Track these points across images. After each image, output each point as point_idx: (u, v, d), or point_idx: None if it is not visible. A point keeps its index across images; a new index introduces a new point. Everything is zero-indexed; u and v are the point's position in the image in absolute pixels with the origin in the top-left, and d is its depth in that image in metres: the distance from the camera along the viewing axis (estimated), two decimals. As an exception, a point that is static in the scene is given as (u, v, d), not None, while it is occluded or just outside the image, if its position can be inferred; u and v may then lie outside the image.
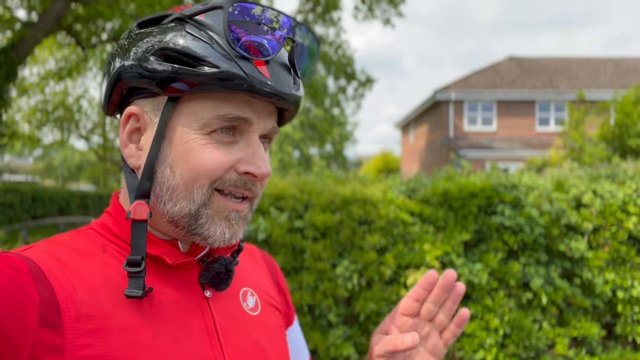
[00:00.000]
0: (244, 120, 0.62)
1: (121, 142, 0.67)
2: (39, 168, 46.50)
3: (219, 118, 0.61)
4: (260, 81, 0.60)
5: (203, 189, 0.62)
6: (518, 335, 3.47)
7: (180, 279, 0.66)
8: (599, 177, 4.00)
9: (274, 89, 0.61)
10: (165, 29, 0.62)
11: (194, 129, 0.62)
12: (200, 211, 0.62)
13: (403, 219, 3.63)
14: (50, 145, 24.62)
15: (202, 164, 0.61)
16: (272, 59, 0.63)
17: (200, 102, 0.62)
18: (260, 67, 0.61)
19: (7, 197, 11.87)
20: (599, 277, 3.63)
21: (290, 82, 0.64)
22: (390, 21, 14.97)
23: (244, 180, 0.64)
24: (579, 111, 10.25)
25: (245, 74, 0.59)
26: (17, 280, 0.53)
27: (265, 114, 0.65)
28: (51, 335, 0.53)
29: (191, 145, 0.62)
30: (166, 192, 0.63)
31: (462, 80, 18.54)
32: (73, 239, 0.65)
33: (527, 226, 3.55)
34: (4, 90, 11.71)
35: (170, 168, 0.63)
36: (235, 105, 0.62)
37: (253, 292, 0.76)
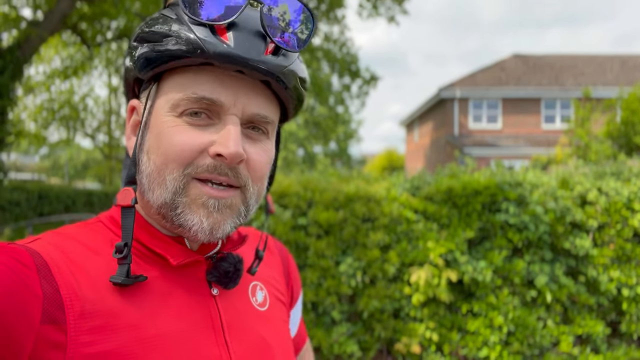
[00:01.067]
0: (211, 101, 0.59)
1: (125, 135, 0.67)
2: (45, 166, 46.75)
3: (187, 99, 0.59)
4: (216, 45, 0.56)
5: (173, 174, 0.59)
6: (522, 333, 3.46)
7: (188, 275, 0.65)
8: (604, 174, 3.98)
9: (232, 52, 0.56)
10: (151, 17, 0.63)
11: (166, 110, 0.60)
12: (175, 200, 0.59)
13: (407, 216, 3.62)
14: (56, 143, 24.71)
15: (169, 147, 0.59)
16: (240, 26, 0.58)
17: (173, 82, 0.60)
18: (223, 34, 0.57)
19: (14, 195, 11.95)
20: (604, 275, 3.61)
21: (261, 48, 0.58)
22: (394, 19, 14.91)
23: (217, 165, 0.59)
24: (585, 109, 10.18)
25: (199, 38, 0.56)
26: (22, 275, 0.52)
27: (246, 96, 0.60)
28: (54, 332, 0.52)
29: (161, 128, 0.60)
30: (146, 181, 0.62)
31: (467, 77, 18.46)
32: (80, 231, 0.63)
33: (531, 224, 3.53)
34: (10, 89, 11.77)
35: (147, 154, 0.61)
36: (205, 84, 0.59)
37: (262, 287, 0.75)
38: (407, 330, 3.50)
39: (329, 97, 17.80)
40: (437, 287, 3.44)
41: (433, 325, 3.51)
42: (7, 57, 11.49)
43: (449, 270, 3.46)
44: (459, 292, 3.63)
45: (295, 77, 0.63)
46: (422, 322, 3.55)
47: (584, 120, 10.02)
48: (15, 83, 12.10)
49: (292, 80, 0.63)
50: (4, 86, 11.41)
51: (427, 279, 3.40)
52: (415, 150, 23.42)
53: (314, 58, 15.48)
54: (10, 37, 12.33)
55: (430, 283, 3.42)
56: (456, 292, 3.61)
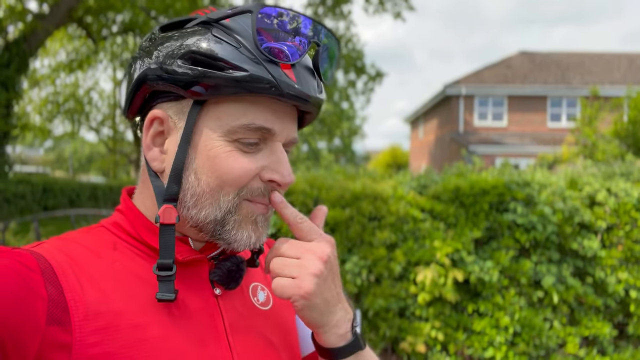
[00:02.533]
0: (267, 130, 0.62)
1: (144, 145, 0.66)
2: (49, 159, 46.93)
3: (244, 127, 0.61)
4: (288, 84, 0.60)
5: (229, 197, 0.62)
6: (528, 334, 3.44)
7: (190, 275, 0.66)
8: (614, 175, 3.95)
9: (300, 92, 0.62)
10: (190, 32, 0.62)
11: (218, 134, 0.62)
12: (226, 218, 0.63)
13: (413, 215, 3.60)
14: (61, 136, 24.79)
15: (228, 172, 0.62)
16: (298, 63, 0.63)
17: (226, 108, 0.62)
18: (287, 70, 0.61)
19: (19, 188, 11.98)
20: (612, 276, 3.59)
21: (314, 85, 0.65)
22: (401, 15, 14.82)
23: (269, 188, 0.65)
24: (592, 107, 10.11)
25: (273, 77, 0.60)
26: (27, 278, 0.53)
27: (289, 122, 0.65)
28: (59, 333, 0.53)
29: (216, 152, 0.62)
30: (190, 199, 0.63)
31: (472, 75, 18.36)
32: (84, 236, 0.65)
33: (539, 224, 3.50)
34: (16, 82, 11.79)
35: (195, 174, 0.63)
36: (260, 113, 0.62)
37: (264, 287, 0.76)
38: (413, 329, 3.49)
39: (334, 93, 17.76)
40: (443, 287, 3.43)
41: (439, 324, 3.49)
42: (13, 50, 11.50)
43: (456, 269, 3.44)
44: (465, 291, 3.61)
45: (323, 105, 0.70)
46: (427, 322, 3.53)
47: (591, 118, 9.95)
48: (21, 76, 12.11)
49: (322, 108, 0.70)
50: (10, 79, 11.43)
51: (434, 279, 3.39)
52: (419, 147, 23.36)
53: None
54: (16, 30, 12.33)
55: (437, 282, 3.40)
56: (462, 292, 3.59)
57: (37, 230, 3.81)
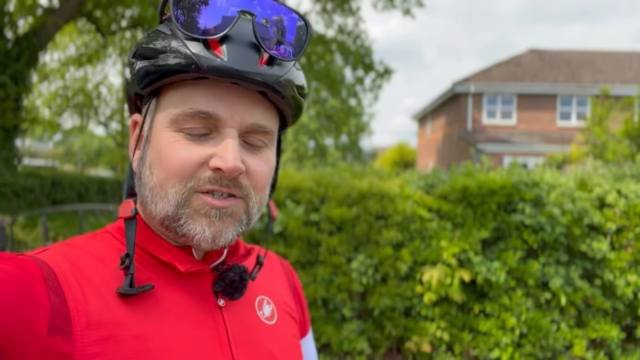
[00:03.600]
0: (207, 114, 0.59)
1: (129, 148, 0.68)
2: (58, 153, 47.28)
3: (184, 114, 0.59)
4: (209, 59, 0.56)
5: (175, 188, 0.60)
6: (535, 335, 3.41)
7: (194, 287, 0.65)
8: (624, 176, 3.90)
9: (226, 65, 0.56)
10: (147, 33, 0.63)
11: (165, 125, 0.61)
12: (178, 212, 0.60)
13: (420, 214, 3.58)
14: (70, 130, 24.97)
15: (170, 162, 0.60)
16: (233, 38, 0.58)
17: (171, 97, 0.61)
18: (216, 47, 0.58)
19: (28, 181, 12.07)
20: (621, 279, 3.55)
21: (255, 60, 0.58)
22: (410, 11, 14.74)
23: (217, 177, 0.60)
24: (603, 106, 9.99)
25: (193, 54, 0.57)
26: (30, 285, 0.52)
27: (243, 107, 0.60)
28: (61, 343, 0.52)
29: (162, 144, 0.61)
30: (149, 194, 0.62)
31: (481, 72, 18.23)
32: (89, 242, 0.64)
33: (548, 225, 3.47)
34: (26, 76, 11.87)
35: (150, 168, 0.62)
36: (200, 97, 0.59)
37: (269, 301, 0.74)
38: (418, 329, 3.48)
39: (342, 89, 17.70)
40: (450, 287, 3.41)
41: (444, 324, 3.47)
42: (23, 44, 11.57)
43: (462, 270, 3.42)
44: (472, 292, 3.59)
45: (291, 85, 0.63)
46: (433, 322, 3.52)
47: (601, 118, 9.84)
48: (31, 70, 12.20)
49: (289, 89, 0.63)
50: (20, 73, 11.51)
51: (440, 279, 3.37)
52: (427, 145, 23.26)
53: (327, 50, 15.37)
54: (26, 24, 12.40)
55: (443, 282, 3.39)
56: (469, 292, 3.57)
57: (45, 224, 3.83)
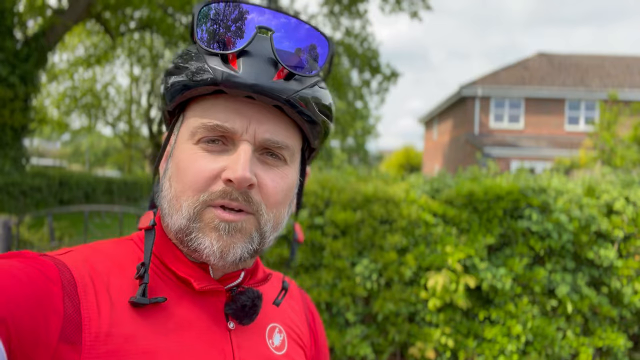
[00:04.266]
0: (224, 129, 0.60)
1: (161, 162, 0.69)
2: (66, 153, 47.61)
3: (202, 127, 0.60)
4: (223, 72, 0.58)
5: (189, 201, 0.60)
6: (540, 343, 3.38)
7: (206, 306, 0.64)
8: (632, 182, 3.85)
9: (240, 79, 0.57)
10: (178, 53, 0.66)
11: (186, 139, 0.62)
12: (189, 225, 0.60)
13: (425, 219, 3.55)
14: (78, 130, 25.13)
15: (186, 174, 0.60)
16: (252, 53, 0.60)
17: (191, 113, 0.63)
18: (233, 62, 0.59)
19: (35, 180, 12.15)
20: (628, 287, 3.51)
21: (271, 74, 0.59)
22: (417, 14, 14.72)
23: (228, 190, 0.59)
24: (611, 111, 9.90)
25: (210, 67, 0.58)
26: (46, 290, 0.52)
27: (260, 122, 0.60)
28: (69, 352, 0.52)
29: (180, 156, 0.62)
30: (166, 206, 0.63)
31: (489, 76, 18.15)
32: (113, 248, 0.64)
33: (554, 232, 3.44)
34: (34, 76, 11.96)
35: (169, 181, 0.63)
36: (219, 112, 0.60)
37: (281, 329, 0.73)
38: (422, 334, 3.45)
39: (348, 92, 17.69)
40: (455, 293, 3.38)
41: (449, 331, 3.45)
42: (32, 45, 11.67)
43: (467, 276, 3.39)
44: (477, 298, 3.56)
45: (312, 102, 0.62)
46: (437, 328, 3.49)
47: (610, 123, 9.75)
48: (39, 70, 12.29)
49: (309, 105, 0.62)
50: (29, 73, 11.61)
51: (445, 284, 3.34)
52: (433, 148, 23.18)
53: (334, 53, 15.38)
54: (35, 25, 12.51)
55: (448, 288, 3.36)
56: (474, 299, 3.54)
57: (50, 225, 3.84)
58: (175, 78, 0.61)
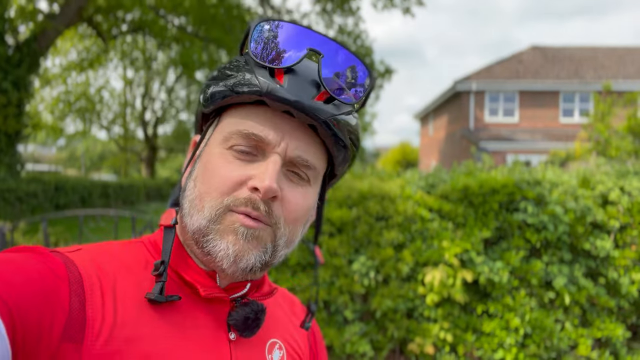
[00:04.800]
0: (260, 138, 0.61)
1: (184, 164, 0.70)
2: (62, 158, 47.44)
3: (237, 133, 0.62)
4: (269, 85, 0.60)
5: (212, 203, 0.61)
6: (539, 336, 3.38)
7: (210, 313, 0.64)
8: (627, 173, 3.85)
9: (283, 92, 0.59)
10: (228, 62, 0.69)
11: (217, 142, 0.64)
12: (209, 227, 0.61)
13: (421, 215, 3.55)
14: (73, 135, 25.03)
15: (213, 176, 0.61)
16: (298, 72, 0.62)
17: (228, 118, 0.64)
18: (279, 77, 0.61)
19: (31, 186, 12.10)
20: (625, 277, 3.51)
21: (312, 94, 0.61)
22: (410, 10, 14.71)
23: (253, 199, 0.60)
24: (605, 102, 9.92)
25: (256, 77, 0.60)
26: (54, 285, 0.53)
27: (293, 137, 0.62)
28: (70, 351, 0.52)
29: (209, 158, 0.63)
30: (188, 205, 0.64)
31: (483, 70, 18.16)
32: (122, 249, 0.65)
33: (550, 224, 3.44)
34: (27, 81, 11.90)
35: (194, 181, 0.64)
36: (256, 122, 0.62)
37: (282, 346, 0.73)
38: (421, 330, 3.45)
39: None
40: (452, 288, 3.38)
41: (447, 325, 3.44)
42: (24, 50, 11.60)
43: (465, 270, 3.39)
44: (475, 292, 3.56)
45: (344, 127, 0.64)
46: (436, 323, 3.49)
47: (604, 114, 9.77)
48: (32, 75, 12.23)
49: (343, 130, 0.64)
50: (21, 78, 11.54)
51: (442, 279, 3.34)
52: (429, 144, 23.20)
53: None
54: (27, 30, 12.44)
55: (445, 283, 3.36)
56: (471, 293, 3.54)
57: (45, 230, 3.82)
58: (221, 83, 0.64)
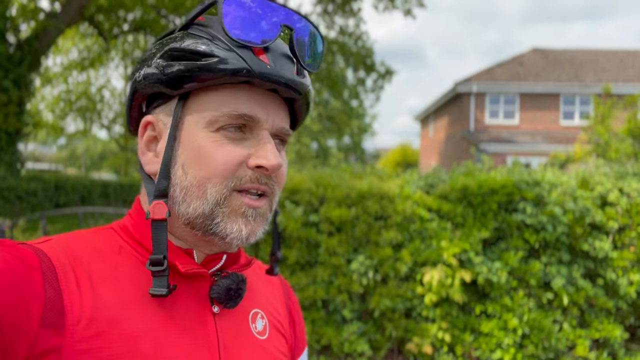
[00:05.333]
0: (250, 118, 0.62)
1: (139, 150, 0.68)
2: (62, 156, 47.47)
3: (226, 115, 0.62)
4: (260, 65, 0.61)
5: (216, 187, 0.61)
6: (537, 336, 3.38)
7: (191, 290, 0.65)
8: (626, 174, 3.86)
9: (274, 72, 0.61)
10: (172, 37, 0.65)
11: (202, 126, 0.62)
12: (215, 210, 0.62)
13: (420, 214, 3.55)
14: (74, 134, 25.05)
15: (213, 160, 0.61)
16: (272, 49, 0.63)
17: (208, 99, 0.63)
18: (260, 55, 0.62)
19: (31, 185, 12.11)
20: (624, 278, 3.51)
21: (292, 69, 0.64)
22: (411, 12, 14.73)
23: (257, 176, 0.63)
24: (605, 105, 9.93)
25: (244, 60, 0.60)
26: (25, 276, 0.52)
27: (275, 111, 0.65)
28: (51, 336, 0.52)
29: (200, 142, 0.62)
30: (180, 193, 0.63)
31: (484, 72, 18.17)
32: (93, 236, 0.64)
33: (549, 224, 3.44)
34: (28, 80, 11.91)
35: (183, 168, 0.63)
36: (242, 101, 0.62)
37: (263, 315, 0.75)
38: (419, 330, 3.45)
39: (344, 90, 17.70)
40: (451, 288, 3.38)
41: (445, 325, 3.45)
42: (25, 49, 11.62)
43: (463, 270, 3.40)
44: (473, 292, 3.56)
45: (311, 94, 0.69)
46: (434, 323, 3.49)
47: (604, 117, 9.77)
48: (33, 74, 12.24)
49: (309, 97, 0.69)
50: (22, 77, 11.55)
51: (440, 279, 3.34)
52: (429, 146, 23.21)
53: (329, 51, 15.37)
54: (28, 29, 12.46)
55: (444, 283, 3.36)
56: (470, 293, 3.54)
57: (44, 227, 3.83)
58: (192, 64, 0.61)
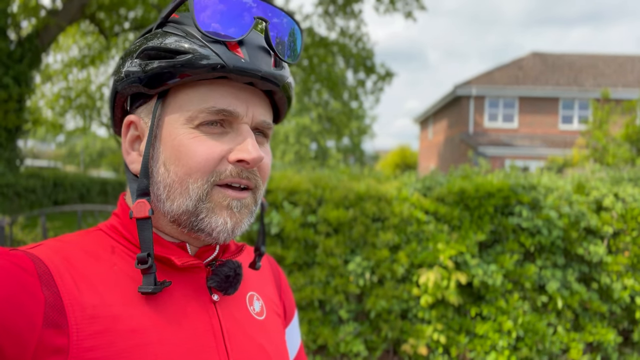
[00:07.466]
0: (229, 113, 0.62)
1: (124, 150, 0.68)
2: (61, 154, 47.41)
3: (204, 111, 0.62)
4: (234, 59, 0.60)
5: (197, 183, 0.62)
6: (531, 339, 3.41)
7: (189, 282, 0.66)
8: (622, 180, 3.89)
9: (249, 66, 0.61)
10: (148, 36, 0.65)
11: (181, 123, 0.63)
12: (198, 206, 0.62)
13: (417, 217, 3.58)
14: (73, 131, 24.99)
15: (193, 156, 0.61)
16: (247, 42, 0.63)
17: (186, 96, 0.63)
18: (235, 49, 0.61)
19: (29, 182, 12.11)
20: (618, 283, 3.55)
21: (269, 62, 0.64)
22: (412, 14, 14.75)
23: (239, 170, 0.63)
24: (604, 110, 9.97)
25: (218, 55, 0.60)
26: (23, 280, 0.53)
27: (254, 105, 0.65)
28: (56, 336, 0.53)
29: (180, 140, 0.62)
30: (163, 191, 0.63)
31: (483, 75, 18.22)
32: (82, 239, 0.65)
33: (545, 228, 3.47)
34: (28, 77, 11.91)
35: (164, 166, 0.63)
36: (220, 97, 0.62)
37: (259, 297, 0.76)
38: (415, 331, 3.48)
39: (343, 92, 17.72)
40: (446, 290, 3.41)
41: (441, 327, 3.47)
42: (26, 45, 11.62)
43: (459, 272, 3.42)
44: (468, 295, 3.59)
45: (291, 86, 0.69)
46: (429, 324, 3.52)
47: (602, 121, 9.82)
48: (34, 71, 12.24)
49: (289, 89, 0.69)
50: (22, 74, 11.56)
51: (436, 281, 3.37)
52: (428, 148, 23.24)
53: (329, 52, 15.39)
54: (29, 26, 12.45)
55: (440, 285, 3.39)
56: (465, 295, 3.57)
57: (44, 225, 3.85)
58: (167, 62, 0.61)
